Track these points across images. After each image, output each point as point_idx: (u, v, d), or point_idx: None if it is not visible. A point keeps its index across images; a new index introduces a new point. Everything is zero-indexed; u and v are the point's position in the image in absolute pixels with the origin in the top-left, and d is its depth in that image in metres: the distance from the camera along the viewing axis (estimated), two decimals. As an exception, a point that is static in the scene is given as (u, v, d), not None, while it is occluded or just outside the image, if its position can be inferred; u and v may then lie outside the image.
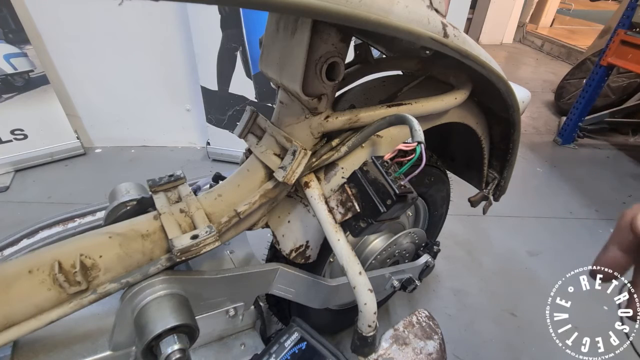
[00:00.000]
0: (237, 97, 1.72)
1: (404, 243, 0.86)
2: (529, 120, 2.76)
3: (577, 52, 4.22)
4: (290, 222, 0.64)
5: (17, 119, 1.65)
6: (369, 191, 0.48)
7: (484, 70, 0.60)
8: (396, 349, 0.63)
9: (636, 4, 1.86)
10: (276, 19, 0.51)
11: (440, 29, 0.48)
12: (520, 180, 1.96)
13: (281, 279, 0.64)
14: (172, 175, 0.63)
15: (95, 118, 1.91)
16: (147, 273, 0.50)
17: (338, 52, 0.49)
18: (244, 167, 0.62)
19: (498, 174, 0.95)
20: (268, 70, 0.56)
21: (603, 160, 2.28)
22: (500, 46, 5.13)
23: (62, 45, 1.66)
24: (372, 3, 0.37)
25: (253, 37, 1.57)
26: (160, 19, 1.66)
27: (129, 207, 0.64)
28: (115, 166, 1.87)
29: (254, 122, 0.60)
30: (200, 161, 1.96)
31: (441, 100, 0.64)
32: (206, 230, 0.51)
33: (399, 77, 0.79)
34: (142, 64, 1.77)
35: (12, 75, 1.58)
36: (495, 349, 1.13)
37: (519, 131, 0.81)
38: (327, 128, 0.55)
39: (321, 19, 0.42)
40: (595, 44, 2.81)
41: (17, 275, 0.45)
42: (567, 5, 6.98)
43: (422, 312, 0.72)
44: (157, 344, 0.47)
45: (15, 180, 1.70)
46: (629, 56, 1.88)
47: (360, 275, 0.54)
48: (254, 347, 0.70)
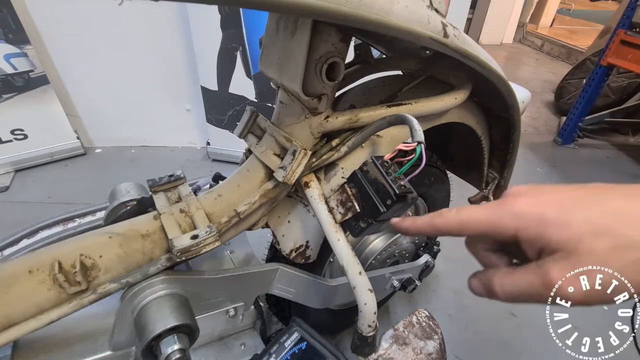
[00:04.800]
0: (237, 97, 1.72)
1: (404, 243, 0.86)
2: (529, 120, 2.76)
3: (577, 52, 4.22)
4: (290, 222, 0.64)
5: (17, 119, 1.65)
6: (369, 191, 0.48)
7: (484, 70, 0.60)
8: (396, 349, 0.63)
9: (636, 4, 1.86)
10: (276, 19, 0.51)
11: (440, 29, 0.48)
12: (520, 180, 1.96)
13: (281, 279, 0.64)
14: (172, 175, 0.63)
15: (95, 118, 1.91)
16: (147, 273, 0.50)
17: (338, 52, 0.49)
18: (244, 167, 0.62)
19: (498, 174, 0.95)
20: (268, 70, 0.56)
21: (603, 160, 2.28)
22: (500, 46, 5.13)
23: (62, 45, 1.66)
24: (372, 3, 0.37)
25: (253, 37, 1.57)
26: (160, 19, 1.66)
27: (129, 207, 0.64)
28: (115, 166, 1.87)
29: (254, 122, 0.60)
30: (200, 161, 1.96)
31: (441, 100, 0.64)
32: (206, 230, 0.51)
33: (399, 77, 0.79)
34: (142, 64, 1.77)
35: (12, 75, 1.58)
36: (495, 349, 1.13)
37: (519, 131, 0.81)
38: (327, 128, 0.55)
39: (321, 19, 0.42)
40: (595, 44, 2.80)
41: (17, 275, 0.45)
42: (567, 5, 6.98)
43: (422, 312, 0.72)
44: (157, 344, 0.47)
45: (15, 180, 1.70)
46: (629, 56, 1.88)
47: (360, 275, 0.54)
48: (254, 347, 0.70)
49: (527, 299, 0.29)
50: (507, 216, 0.30)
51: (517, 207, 0.29)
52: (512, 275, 0.30)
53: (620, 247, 0.25)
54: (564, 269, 0.26)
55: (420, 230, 0.37)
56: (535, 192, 0.30)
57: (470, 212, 0.32)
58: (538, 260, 0.29)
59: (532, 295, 0.29)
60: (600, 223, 0.26)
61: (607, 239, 0.26)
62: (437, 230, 0.35)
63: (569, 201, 0.28)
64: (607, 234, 0.26)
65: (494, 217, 0.30)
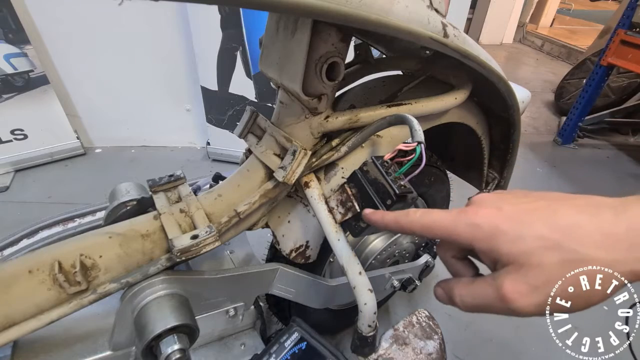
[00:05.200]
0: (237, 97, 1.72)
1: (404, 243, 0.86)
2: (529, 120, 2.76)
3: (577, 52, 4.22)
4: (290, 222, 0.64)
5: (17, 119, 1.65)
6: (369, 191, 0.48)
7: (484, 70, 0.60)
8: (396, 349, 0.63)
9: (636, 4, 1.86)
10: (276, 19, 0.51)
11: (440, 29, 0.48)
12: (520, 180, 1.96)
13: (281, 279, 0.64)
14: (172, 175, 0.63)
15: (95, 118, 1.91)
16: (147, 273, 0.50)
17: (338, 52, 0.49)
18: (244, 167, 0.62)
19: (498, 174, 0.95)
20: (268, 70, 0.56)
21: (603, 160, 2.28)
22: (500, 46, 5.13)
23: (62, 45, 1.66)
24: (372, 3, 0.37)
25: (253, 37, 1.57)
26: (160, 19, 1.66)
27: (129, 207, 0.64)
28: (115, 166, 1.87)
29: (254, 122, 0.60)
30: (200, 161, 1.96)
31: (441, 100, 0.64)
32: (206, 230, 0.51)
33: (399, 77, 0.79)
34: (142, 64, 1.77)
35: (12, 75, 1.58)
36: (495, 349, 1.13)
37: (519, 131, 0.81)
38: (327, 128, 0.55)
39: (321, 19, 0.42)
40: (595, 44, 2.80)
41: (17, 275, 0.45)
42: (567, 5, 6.98)
43: (422, 312, 0.72)
44: (157, 344, 0.47)
45: (15, 180, 1.70)
46: (629, 56, 1.88)
47: (360, 275, 0.54)
48: (254, 347, 0.70)
49: (485, 310, 0.30)
50: (464, 226, 0.30)
51: (475, 218, 0.30)
52: (470, 287, 0.31)
53: (569, 262, 0.26)
54: (515, 282, 0.27)
55: (387, 225, 0.39)
56: (498, 203, 0.30)
57: (434, 216, 0.33)
58: (494, 272, 0.29)
59: (488, 307, 0.30)
60: (551, 238, 0.27)
61: (556, 254, 0.26)
62: (401, 228, 0.36)
63: (524, 214, 0.29)
64: (557, 249, 0.26)
65: (452, 226, 0.31)
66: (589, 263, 0.25)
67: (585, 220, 0.26)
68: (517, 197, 0.31)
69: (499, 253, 0.28)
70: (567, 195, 0.29)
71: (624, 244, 0.25)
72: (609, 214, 0.26)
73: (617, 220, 0.26)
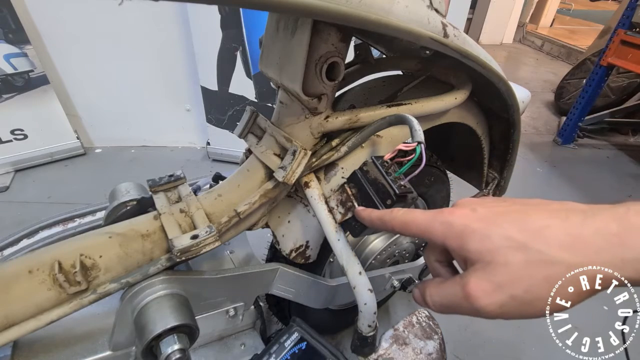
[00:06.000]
0: (237, 97, 1.72)
1: (404, 243, 0.86)
2: (529, 120, 2.76)
3: (577, 52, 4.22)
4: (290, 222, 0.64)
5: (17, 119, 1.65)
6: (369, 191, 0.48)
7: (484, 70, 0.60)
8: (396, 349, 0.63)
9: (636, 4, 1.86)
10: (276, 19, 0.51)
11: (440, 29, 0.48)
12: (520, 180, 1.96)
13: (281, 279, 0.64)
14: (172, 175, 0.63)
15: (95, 118, 1.91)
16: (147, 273, 0.50)
17: (338, 52, 0.49)
18: (244, 167, 0.62)
19: (498, 174, 0.95)
20: (268, 70, 0.56)
21: (603, 160, 2.28)
22: (500, 46, 5.13)
23: (62, 45, 1.66)
24: (372, 3, 0.37)
25: (253, 37, 1.57)
26: (160, 18, 1.66)
27: (129, 207, 0.64)
28: (115, 166, 1.87)
29: (254, 122, 0.60)
30: (200, 161, 1.96)
31: (441, 100, 0.64)
32: (206, 230, 0.51)
33: (399, 77, 0.79)
34: (142, 64, 1.77)
35: (12, 75, 1.58)
36: (495, 349, 1.13)
37: (519, 131, 0.81)
38: (327, 128, 0.55)
39: (321, 19, 0.42)
40: (595, 44, 2.80)
41: (17, 275, 0.45)
42: (567, 5, 6.99)
43: (422, 312, 0.72)
44: (157, 344, 0.47)
45: (15, 180, 1.70)
46: (629, 56, 1.88)
47: (360, 275, 0.54)
48: (254, 347, 0.70)
49: (454, 309, 0.31)
50: (438, 225, 0.31)
51: (449, 217, 0.31)
52: (440, 287, 0.32)
53: (534, 263, 0.26)
54: (480, 280, 0.27)
55: (373, 222, 0.40)
56: (475, 205, 0.31)
57: (414, 215, 0.34)
58: (463, 272, 0.30)
59: (456, 307, 0.30)
60: (518, 238, 0.27)
61: (522, 254, 0.26)
62: (385, 225, 0.37)
63: (496, 216, 0.29)
64: (523, 249, 0.26)
65: (428, 223, 0.32)
66: (553, 264, 0.25)
67: (554, 224, 0.27)
68: (497, 201, 0.31)
69: (467, 251, 0.29)
70: (546, 201, 0.30)
71: (591, 247, 0.25)
72: (578, 217, 0.26)
73: (585, 224, 0.26)
